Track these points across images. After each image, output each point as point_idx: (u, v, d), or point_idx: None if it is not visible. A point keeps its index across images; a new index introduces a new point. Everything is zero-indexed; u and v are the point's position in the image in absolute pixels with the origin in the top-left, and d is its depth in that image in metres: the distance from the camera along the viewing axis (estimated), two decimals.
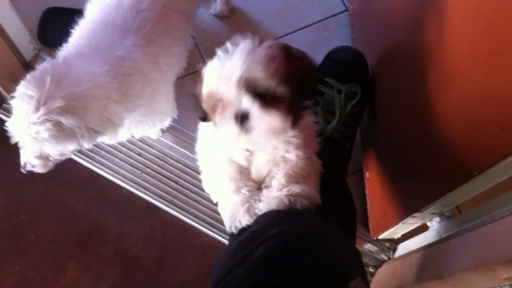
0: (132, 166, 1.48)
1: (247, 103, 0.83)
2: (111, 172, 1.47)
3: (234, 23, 1.64)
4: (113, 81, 1.01)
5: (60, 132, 0.92)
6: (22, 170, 1.02)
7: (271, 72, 0.83)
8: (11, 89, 1.41)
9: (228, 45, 0.87)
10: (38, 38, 1.56)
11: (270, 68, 0.83)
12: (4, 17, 1.28)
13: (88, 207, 1.50)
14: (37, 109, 0.90)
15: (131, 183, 1.47)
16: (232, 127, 0.84)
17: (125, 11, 1.08)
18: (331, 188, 1.13)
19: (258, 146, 0.92)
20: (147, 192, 1.47)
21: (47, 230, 1.48)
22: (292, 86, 0.85)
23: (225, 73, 0.83)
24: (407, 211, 1.12)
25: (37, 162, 1.00)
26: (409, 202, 1.12)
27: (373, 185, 1.39)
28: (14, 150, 1.50)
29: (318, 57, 1.37)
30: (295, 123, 0.90)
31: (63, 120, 0.91)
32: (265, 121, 0.84)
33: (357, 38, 1.54)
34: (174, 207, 1.46)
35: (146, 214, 1.50)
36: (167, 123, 1.37)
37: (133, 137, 1.45)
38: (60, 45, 1.52)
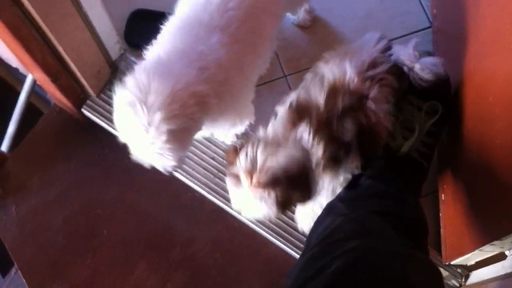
0: (205, 169, 1.50)
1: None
2: (185, 174, 1.49)
3: (315, 34, 1.64)
4: (196, 72, 1.03)
5: (174, 136, 0.96)
6: (165, 172, 1.07)
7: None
8: (96, 86, 1.49)
9: None
10: (124, 39, 1.61)
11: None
12: (96, 17, 1.34)
13: (160, 209, 1.55)
14: (146, 130, 0.95)
15: (203, 186, 1.49)
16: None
17: (214, 9, 1.10)
18: (405, 206, 1.10)
19: None
20: (217, 196, 1.48)
21: (120, 229, 1.53)
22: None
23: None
24: (486, 238, 1.07)
25: (171, 162, 1.03)
26: (488, 229, 1.07)
27: (449, 208, 1.34)
28: (93, 150, 1.57)
29: None
30: None
31: (171, 126, 0.95)
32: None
33: (439, 55, 1.48)
34: None
35: (215, 219, 1.51)
36: (244, 126, 1.37)
37: (212, 136, 1.49)
38: (144, 46, 1.57)
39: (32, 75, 1.48)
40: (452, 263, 1.33)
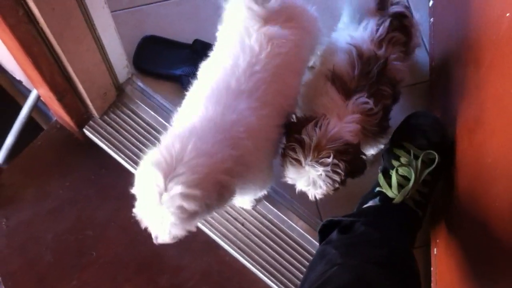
0: None
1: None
2: None
3: None
4: (227, 149, 1.01)
5: (186, 213, 0.95)
6: (154, 241, 1.05)
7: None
8: (100, 108, 1.49)
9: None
10: (132, 63, 1.62)
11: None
12: (108, 40, 1.35)
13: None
14: (160, 195, 0.93)
15: None
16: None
17: (240, 73, 1.10)
18: (400, 257, 1.10)
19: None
20: (211, 228, 1.48)
21: (110, 250, 1.52)
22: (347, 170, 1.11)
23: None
24: None
25: (166, 238, 1.02)
26: None
27: (441, 263, 1.34)
28: (90, 170, 1.56)
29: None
30: None
31: (186, 205, 0.93)
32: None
33: (435, 109, 1.53)
34: (236, 248, 1.46)
35: (206, 250, 1.51)
36: (265, 191, 1.36)
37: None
38: (152, 72, 1.59)
39: (37, 91, 1.48)
40: None
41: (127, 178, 1.51)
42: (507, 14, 1.05)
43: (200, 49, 1.54)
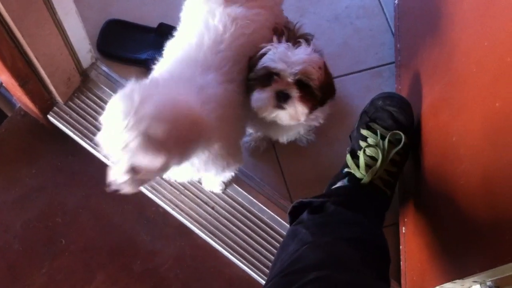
0: (171, 185, 1.48)
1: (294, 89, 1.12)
2: (150, 189, 1.48)
3: None
4: (195, 108, 1.01)
5: (148, 143, 0.91)
6: (107, 189, 1.01)
7: (317, 76, 1.14)
8: (65, 94, 1.46)
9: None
10: (96, 48, 1.59)
11: (317, 72, 1.14)
12: (70, 24, 1.32)
13: (124, 220, 1.52)
14: (126, 119, 0.90)
15: (168, 202, 1.48)
16: (270, 100, 1.13)
17: (206, 50, 1.12)
18: (371, 234, 1.12)
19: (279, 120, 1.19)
20: (182, 213, 1.47)
21: (81, 237, 1.51)
22: (322, 90, 1.16)
23: (290, 58, 1.12)
24: (447, 275, 1.07)
25: (125, 177, 0.98)
26: (450, 267, 1.08)
27: (410, 242, 1.36)
28: (57, 156, 1.54)
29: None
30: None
31: (152, 131, 0.90)
32: (297, 108, 1.13)
33: (402, 90, 1.55)
34: (207, 232, 1.46)
35: (178, 235, 1.50)
36: (232, 173, 1.35)
37: (199, 182, 1.47)
38: (117, 57, 1.56)
39: None
40: None
41: (95, 164, 1.51)
42: None
43: (165, 33, 1.51)
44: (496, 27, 0.94)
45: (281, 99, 1.13)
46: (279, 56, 1.12)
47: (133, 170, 0.97)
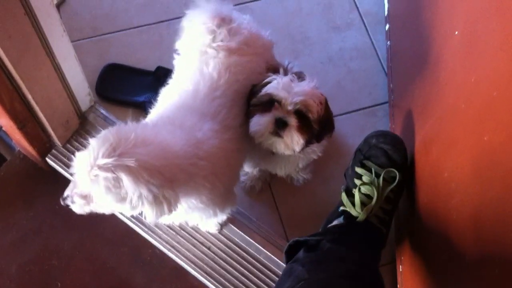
0: (168, 226, 1.48)
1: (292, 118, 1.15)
2: (146, 230, 1.48)
3: None
4: (186, 163, 1.02)
5: (116, 189, 0.92)
6: (61, 201, 1.03)
7: (317, 109, 1.17)
8: (63, 136, 1.48)
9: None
10: (95, 91, 1.62)
11: (317, 106, 1.17)
12: (68, 68, 1.35)
13: (119, 263, 1.51)
14: (109, 155, 0.91)
15: (164, 243, 1.47)
16: (268, 125, 1.16)
17: (202, 97, 1.15)
18: (367, 272, 1.11)
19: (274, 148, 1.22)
20: (178, 254, 1.46)
21: (76, 281, 1.49)
22: (320, 124, 1.19)
23: (293, 89, 1.16)
24: None
25: (79, 200, 1.00)
26: None
27: (407, 280, 1.34)
28: (54, 199, 1.54)
29: None
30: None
31: (125, 180, 0.91)
32: (293, 137, 1.16)
33: (395, 128, 1.57)
34: (203, 273, 1.45)
35: (174, 277, 1.49)
36: (227, 214, 1.36)
37: (185, 223, 1.47)
38: (116, 100, 1.59)
39: None
40: None
41: None
42: (456, 32, 1.09)
43: (163, 76, 1.55)
44: (481, 63, 0.96)
45: (279, 125, 1.16)
46: (283, 85, 1.17)
47: (88, 198, 0.98)
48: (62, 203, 1.03)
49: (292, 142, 1.17)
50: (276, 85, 1.17)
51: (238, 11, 1.30)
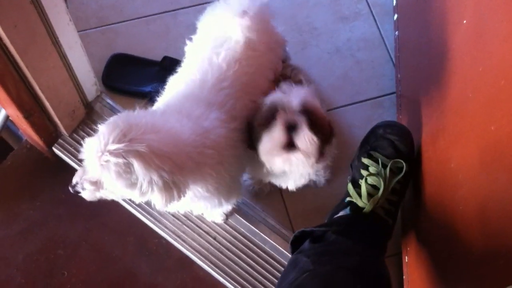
0: (173, 215, 1.48)
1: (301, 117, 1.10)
2: (152, 219, 1.48)
3: None
4: (194, 151, 1.02)
5: (126, 174, 0.93)
6: (70, 189, 1.03)
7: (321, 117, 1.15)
8: (69, 126, 1.48)
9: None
10: (102, 81, 1.63)
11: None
12: (75, 58, 1.35)
13: (125, 252, 1.52)
14: (120, 141, 0.91)
15: (170, 233, 1.47)
16: (281, 136, 1.09)
17: (209, 87, 1.14)
18: (372, 264, 1.11)
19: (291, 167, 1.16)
20: (184, 244, 1.47)
21: (82, 270, 1.50)
22: (322, 136, 1.12)
23: (291, 90, 1.16)
24: None
25: (88, 187, 1.00)
26: None
27: (412, 271, 1.34)
28: (60, 189, 1.55)
29: None
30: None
31: (136, 166, 0.92)
32: (307, 136, 1.09)
33: (402, 119, 1.56)
34: (209, 263, 1.45)
35: (180, 267, 1.49)
36: (232, 204, 1.36)
37: (191, 213, 1.47)
38: (122, 90, 1.59)
39: (5, 110, 1.47)
40: None
41: None
42: (464, 21, 1.07)
43: (169, 66, 1.55)
44: (489, 52, 0.95)
45: (291, 131, 1.10)
46: (281, 91, 1.17)
47: (98, 184, 0.99)
48: (71, 190, 1.03)
49: (307, 144, 1.09)
50: (274, 94, 1.16)
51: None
